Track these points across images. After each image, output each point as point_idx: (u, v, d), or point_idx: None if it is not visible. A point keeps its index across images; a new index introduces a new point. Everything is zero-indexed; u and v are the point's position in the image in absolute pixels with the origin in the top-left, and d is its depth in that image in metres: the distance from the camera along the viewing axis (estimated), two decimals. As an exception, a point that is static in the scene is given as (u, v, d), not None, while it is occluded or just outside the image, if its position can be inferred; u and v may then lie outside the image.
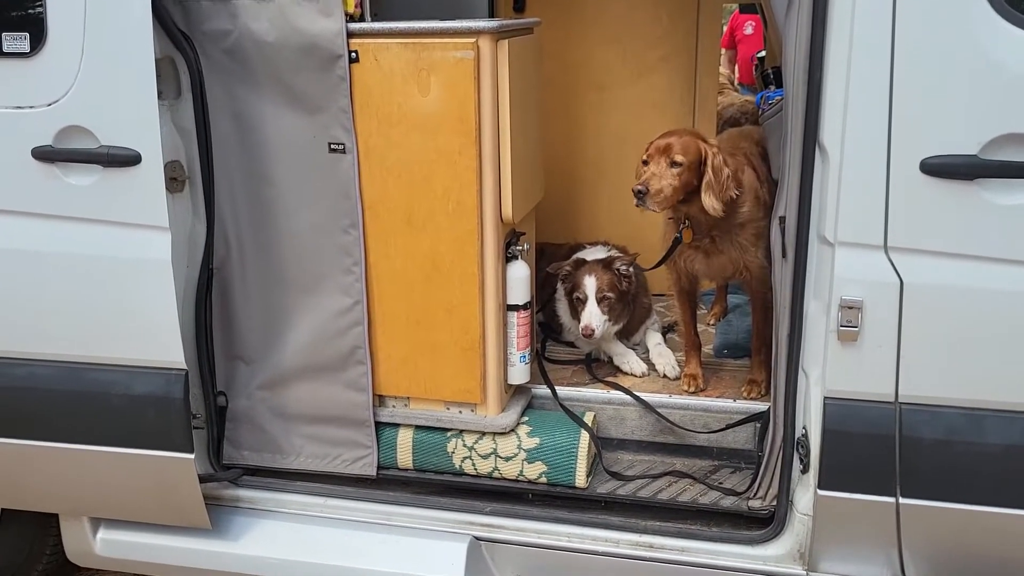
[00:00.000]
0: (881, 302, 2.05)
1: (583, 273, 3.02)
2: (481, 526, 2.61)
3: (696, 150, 2.66)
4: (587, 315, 2.96)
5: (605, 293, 2.98)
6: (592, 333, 2.94)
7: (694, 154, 2.65)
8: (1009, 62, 1.89)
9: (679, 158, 2.63)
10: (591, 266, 3.05)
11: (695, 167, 2.65)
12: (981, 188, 1.95)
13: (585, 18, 3.74)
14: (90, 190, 2.34)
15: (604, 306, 2.98)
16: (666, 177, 2.63)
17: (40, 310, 2.47)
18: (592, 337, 2.95)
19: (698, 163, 2.66)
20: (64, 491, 2.66)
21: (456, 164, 2.44)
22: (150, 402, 2.44)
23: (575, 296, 3.04)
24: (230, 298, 2.65)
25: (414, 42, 2.37)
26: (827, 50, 2.03)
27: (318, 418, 2.70)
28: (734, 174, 2.69)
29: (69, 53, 2.26)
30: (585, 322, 2.95)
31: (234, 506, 2.75)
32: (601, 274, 3.01)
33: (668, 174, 2.63)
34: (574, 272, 3.08)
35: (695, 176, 2.66)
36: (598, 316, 2.96)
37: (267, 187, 2.54)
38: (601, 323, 2.96)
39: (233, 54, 2.43)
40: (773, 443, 2.38)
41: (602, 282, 2.99)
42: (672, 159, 2.64)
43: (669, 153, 2.64)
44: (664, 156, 2.65)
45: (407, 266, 2.56)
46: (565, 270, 3.11)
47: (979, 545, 2.18)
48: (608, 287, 2.99)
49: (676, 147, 2.65)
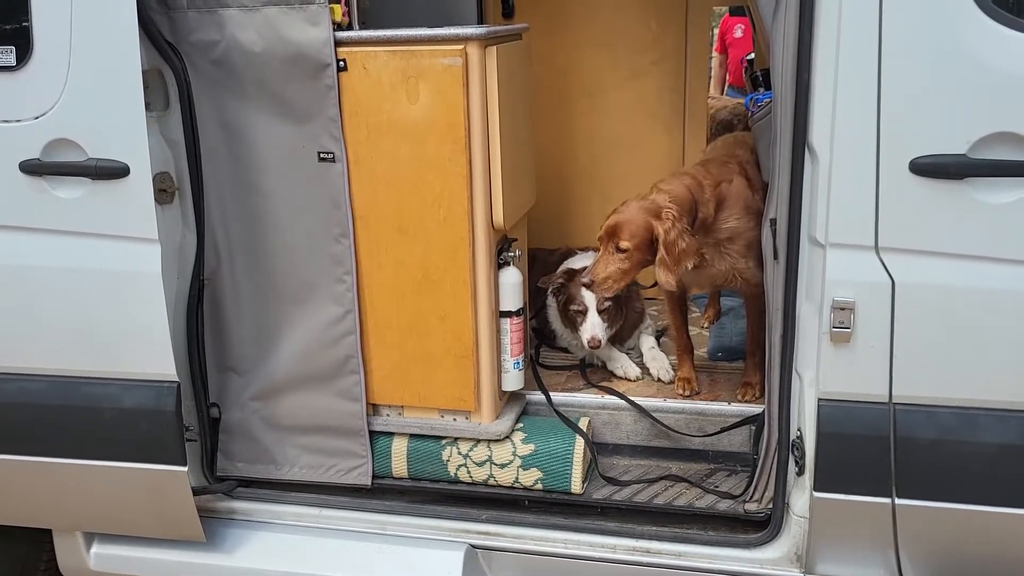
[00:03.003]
0: (873, 303, 2.05)
1: (579, 284, 3.01)
2: (477, 534, 2.60)
3: (646, 229, 2.61)
4: (590, 327, 2.96)
5: (605, 303, 2.98)
6: (599, 344, 2.94)
7: (643, 235, 2.61)
8: (996, 61, 1.89)
9: (624, 244, 2.62)
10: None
11: (646, 246, 2.63)
12: (970, 187, 1.95)
13: (575, 24, 3.74)
14: (78, 203, 2.33)
15: (605, 316, 2.98)
16: (612, 263, 2.65)
17: (30, 324, 2.46)
18: (600, 347, 2.96)
19: (649, 241, 2.62)
20: (56, 506, 2.64)
21: (446, 171, 2.44)
22: (142, 415, 2.43)
23: (571, 308, 3.04)
24: (221, 309, 2.64)
25: (402, 50, 2.37)
26: (815, 51, 2.03)
27: (312, 428, 2.69)
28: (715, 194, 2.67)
29: (55, 66, 2.26)
30: (590, 334, 2.95)
31: (229, 518, 2.73)
32: None
33: (614, 260, 2.65)
34: (568, 284, 3.07)
35: (647, 253, 2.64)
36: (601, 326, 2.97)
37: (257, 197, 2.53)
38: (604, 332, 2.97)
39: (221, 64, 2.42)
40: (768, 446, 2.38)
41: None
42: (618, 244, 2.63)
43: (616, 238, 2.64)
44: (611, 241, 2.65)
45: (399, 274, 2.56)
46: (557, 283, 3.11)
47: (976, 545, 2.18)
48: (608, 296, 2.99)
49: (624, 231, 2.62)
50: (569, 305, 3.05)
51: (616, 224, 2.65)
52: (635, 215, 2.64)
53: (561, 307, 3.13)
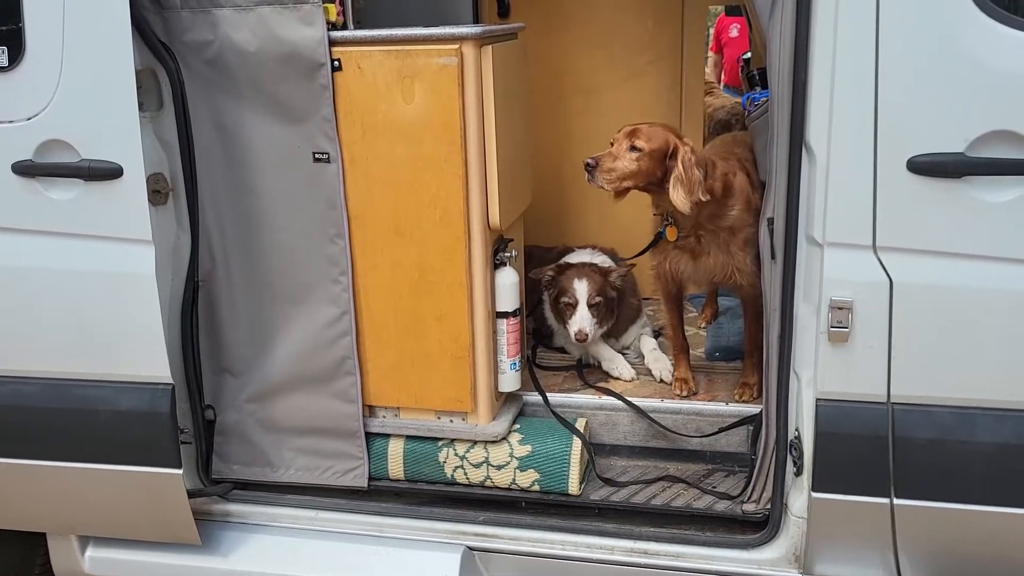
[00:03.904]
0: (871, 302, 2.04)
1: (571, 277, 3.00)
2: (474, 536, 2.59)
3: (664, 141, 2.61)
4: (578, 319, 2.95)
5: (596, 298, 2.97)
6: (587, 337, 2.92)
7: (660, 144, 2.61)
8: (993, 59, 1.88)
9: (640, 143, 2.60)
10: (580, 270, 3.03)
11: (659, 157, 2.61)
12: (968, 186, 1.94)
13: (571, 23, 3.74)
14: (72, 204, 2.32)
15: (595, 311, 2.97)
16: (621, 159, 2.61)
17: (23, 326, 2.44)
18: (587, 341, 2.94)
19: (664, 154, 2.61)
20: (51, 509, 2.62)
21: (442, 171, 2.43)
22: (137, 418, 2.42)
23: (562, 301, 3.02)
24: (216, 310, 2.63)
25: (397, 49, 2.36)
26: (812, 50, 2.02)
27: (308, 430, 2.67)
28: (722, 177, 2.67)
29: (48, 66, 2.24)
30: (577, 326, 2.93)
31: (224, 521, 2.72)
32: (592, 278, 2.99)
33: (625, 156, 2.61)
34: (559, 276, 3.06)
35: (658, 167, 2.61)
36: (589, 320, 2.95)
37: (252, 198, 2.52)
38: (593, 326, 2.95)
39: (215, 64, 2.41)
40: (766, 446, 2.37)
41: (593, 287, 2.97)
42: (633, 143, 2.61)
43: (633, 137, 2.62)
44: (627, 139, 2.62)
45: (395, 275, 2.54)
46: (548, 275, 3.10)
47: (974, 545, 2.17)
48: (599, 291, 2.98)
49: (642, 133, 2.62)
50: (560, 298, 3.03)
51: (637, 127, 2.64)
52: (657, 128, 2.66)
53: (552, 300, 3.12)
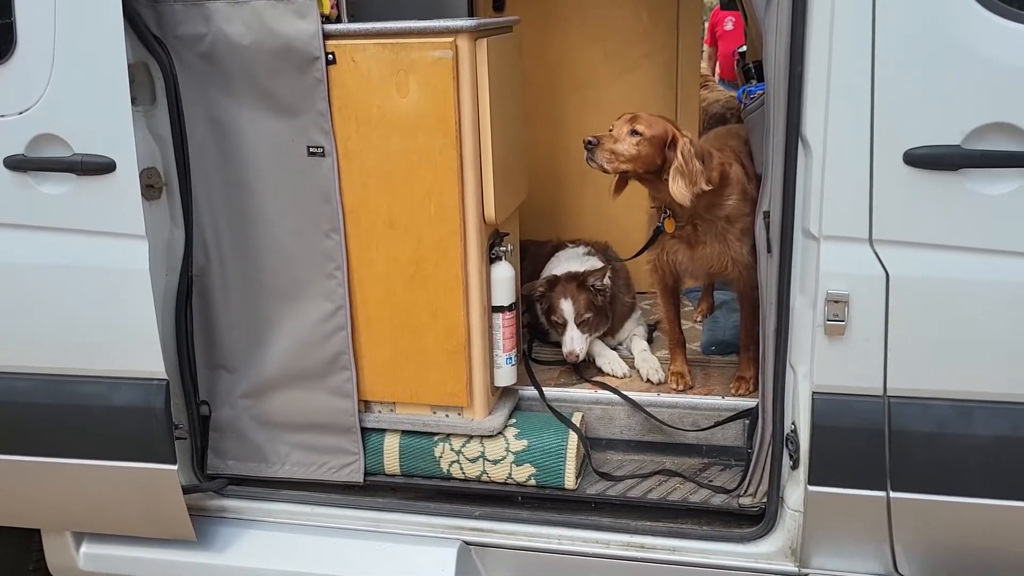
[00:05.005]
0: (867, 295, 2.04)
1: (558, 296, 3.01)
2: (470, 530, 2.58)
3: (664, 130, 2.62)
4: (569, 340, 2.97)
5: (584, 315, 2.98)
6: (577, 359, 2.96)
7: (660, 132, 2.61)
8: (990, 51, 1.88)
9: (641, 128, 2.60)
10: (565, 287, 3.03)
11: (658, 144, 2.61)
12: (965, 178, 1.94)
13: (566, 17, 3.73)
14: (64, 199, 2.30)
15: (584, 327, 2.99)
16: (622, 141, 2.61)
17: (15, 322, 2.43)
18: (578, 361, 2.97)
19: (663, 143, 2.61)
20: (45, 506, 2.61)
21: (437, 165, 2.42)
22: (131, 413, 2.41)
23: (552, 318, 3.05)
24: (211, 306, 2.61)
25: (392, 42, 2.34)
26: (808, 43, 2.01)
27: (303, 425, 2.66)
28: (719, 167, 2.66)
29: (39, 60, 2.22)
30: (568, 348, 2.96)
31: (220, 516, 2.71)
32: (577, 296, 3.00)
33: (626, 140, 2.61)
34: (548, 293, 3.07)
35: (657, 154, 2.61)
36: (580, 340, 2.98)
37: (246, 192, 2.51)
38: (584, 344, 2.98)
39: (208, 58, 2.39)
40: (762, 439, 2.37)
41: (579, 305, 2.99)
42: (634, 127, 2.61)
43: (634, 122, 2.62)
44: (628, 124, 2.63)
45: (390, 270, 2.54)
46: (538, 291, 3.11)
47: (971, 538, 2.17)
48: (586, 308, 2.99)
49: (643, 119, 2.62)
50: (550, 315, 3.06)
51: (638, 114, 2.64)
52: (657, 118, 2.66)
53: (544, 312, 3.14)
